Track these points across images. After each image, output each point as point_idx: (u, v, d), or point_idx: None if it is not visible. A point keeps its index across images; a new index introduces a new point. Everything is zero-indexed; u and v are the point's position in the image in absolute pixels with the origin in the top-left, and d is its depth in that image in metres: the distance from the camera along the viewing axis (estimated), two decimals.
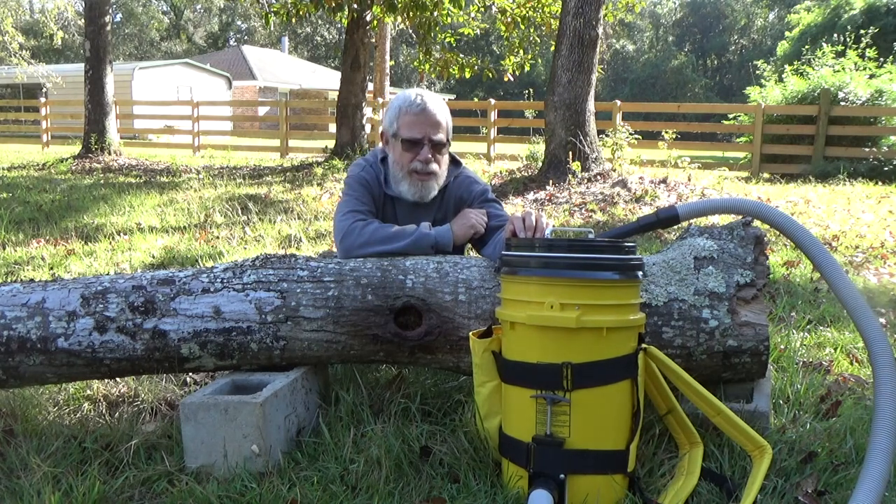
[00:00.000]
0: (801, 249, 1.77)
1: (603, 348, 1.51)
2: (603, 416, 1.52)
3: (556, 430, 1.51)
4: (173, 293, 1.90)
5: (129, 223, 5.59)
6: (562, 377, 1.49)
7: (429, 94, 2.20)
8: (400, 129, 2.16)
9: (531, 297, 1.53)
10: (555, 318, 1.49)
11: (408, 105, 2.15)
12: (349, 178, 2.26)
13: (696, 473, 1.61)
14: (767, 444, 1.62)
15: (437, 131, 2.16)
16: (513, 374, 1.58)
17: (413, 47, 15.78)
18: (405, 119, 2.15)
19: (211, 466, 1.72)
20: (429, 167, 2.16)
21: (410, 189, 2.19)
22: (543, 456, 1.51)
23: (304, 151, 13.78)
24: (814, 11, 23.53)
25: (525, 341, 1.55)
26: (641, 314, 1.59)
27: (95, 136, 11.87)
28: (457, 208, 2.26)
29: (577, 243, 1.55)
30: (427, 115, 2.15)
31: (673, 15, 50.31)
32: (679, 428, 1.71)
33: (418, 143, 2.14)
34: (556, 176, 7.29)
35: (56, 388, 2.19)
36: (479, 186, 2.30)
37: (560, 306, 1.49)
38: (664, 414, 1.71)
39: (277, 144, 14.49)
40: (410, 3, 9.94)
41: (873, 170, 9.51)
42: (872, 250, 4.53)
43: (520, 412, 1.56)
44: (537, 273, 1.53)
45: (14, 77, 18.48)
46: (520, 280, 1.56)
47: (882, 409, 1.55)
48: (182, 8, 48.85)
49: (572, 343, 1.50)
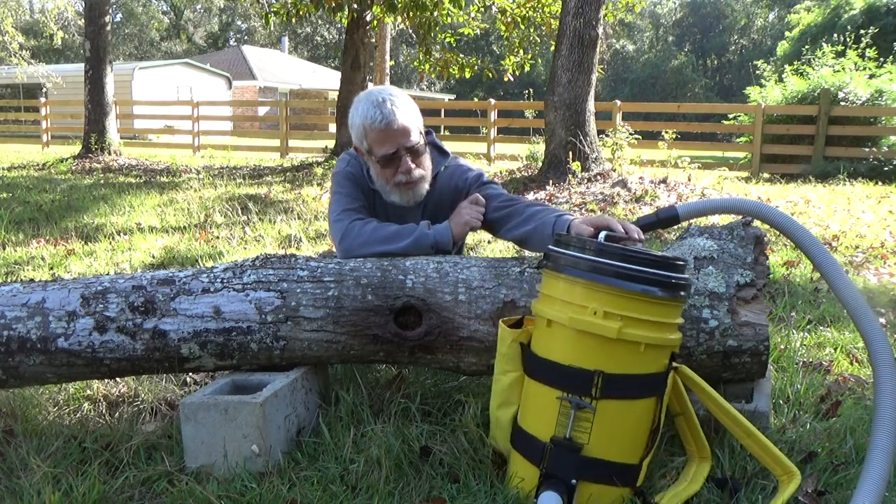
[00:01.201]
0: (801, 249, 1.76)
1: (637, 362, 1.49)
2: (624, 429, 1.51)
3: (575, 435, 1.49)
4: (173, 293, 1.90)
5: (129, 223, 5.59)
6: (592, 384, 1.47)
7: (388, 95, 2.04)
8: (372, 148, 2.05)
9: (574, 300, 1.50)
10: (596, 324, 1.46)
11: (370, 121, 2.01)
12: (336, 174, 2.20)
13: (700, 483, 1.60)
14: (797, 470, 1.57)
15: (409, 137, 2.03)
16: (541, 370, 1.56)
17: (413, 47, 15.78)
18: (372, 137, 2.02)
19: (211, 466, 1.72)
20: (413, 175, 2.07)
21: (402, 198, 2.12)
22: (559, 458, 1.50)
23: (304, 151, 13.78)
24: (814, 11, 23.54)
25: (560, 342, 1.53)
26: (679, 334, 1.57)
27: (95, 136, 11.87)
28: (454, 199, 2.19)
29: (629, 253, 1.51)
30: (394, 126, 2.00)
31: (673, 15, 50.31)
32: (692, 438, 1.69)
33: (394, 156, 2.03)
34: (556, 176, 7.29)
35: (56, 388, 2.19)
36: (472, 173, 2.22)
37: (603, 314, 1.46)
38: (676, 415, 1.69)
39: (277, 144, 14.49)
40: (410, 3, 9.94)
41: (873, 170, 9.51)
42: (872, 250, 4.53)
43: (541, 409, 1.54)
44: (585, 276, 1.50)
45: (14, 77, 18.48)
46: (565, 279, 1.53)
47: (882, 409, 1.55)
48: (182, 8, 48.84)
49: (608, 352, 1.48)
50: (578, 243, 1.55)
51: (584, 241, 1.57)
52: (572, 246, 1.55)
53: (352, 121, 2.08)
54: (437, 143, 2.25)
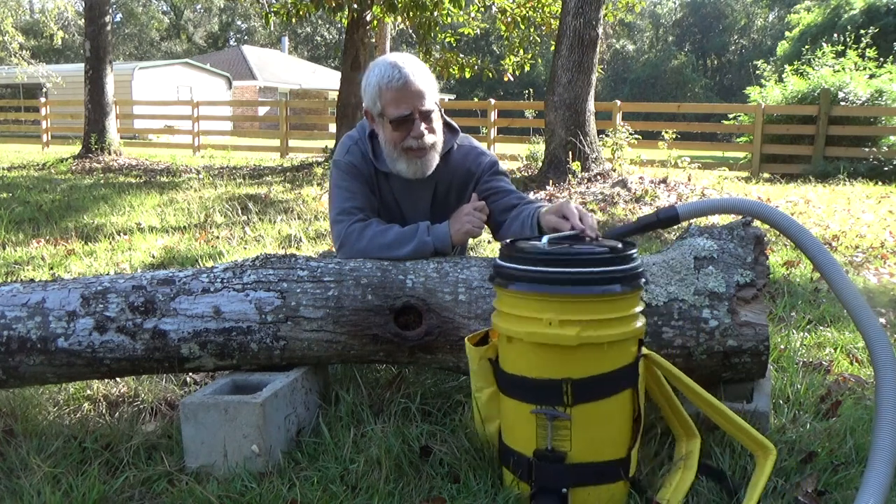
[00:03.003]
0: (801, 249, 1.76)
1: (604, 362, 1.46)
2: (605, 428, 1.48)
3: (557, 445, 1.46)
4: (173, 293, 1.90)
5: (129, 223, 5.58)
6: (562, 393, 1.44)
7: (407, 60, 2.00)
8: (385, 108, 1.98)
9: (528, 313, 1.45)
10: (554, 335, 1.41)
11: (387, 81, 1.95)
12: (336, 163, 2.12)
13: (695, 468, 1.60)
14: (772, 445, 1.60)
15: (424, 100, 1.98)
16: (511, 387, 1.53)
17: (413, 47, 15.77)
18: (387, 96, 1.96)
19: (211, 466, 1.72)
20: (424, 141, 1.99)
21: (409, 168, 2.04)
22: (545, 471, 1.48)
23: (304, 151, 13.79)
24: (814, 11, 23.55)
25: (522, 357, 1.49)
26: (642, 321, 1.53)
27: (95, 136, 11.88)
28: (464, 182, 2.15)
29: (576, 256, 1.45)
30: (411, 87, 1.95)
31: (673, 15, 50.31)
32: (676, 420, 1.68)
33: (408, 119, 1.97)
34: (556, 176, 7.29)
35: (56, 388, 2.19)
36: (487, 158, 2.17)
37: (559, 323, 1.41)
38: (656, 399, 1.67)
39: (277, 144, 14.50)
40: (410, 3, 9.94)
41: (873, 170, 9.51)
42: (872, 250, 4.53)
43: (519, 425, 1.52)
44: (534, 289, 1.44)
45: (14, 77, 18.48)
46: (515, 294, 1.47)
47: (884, 409, 1.55)
48: (182, 8, 48.83)
49: (573, 359, 1.44)
50: (522, 254, 1.48)
51: (527, 250, 1.49)
52: (516, 258, 1.48)
53: (366, 82, 2.02)
54: (446, 119, 2.17)
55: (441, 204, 2.17)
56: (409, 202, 2.17)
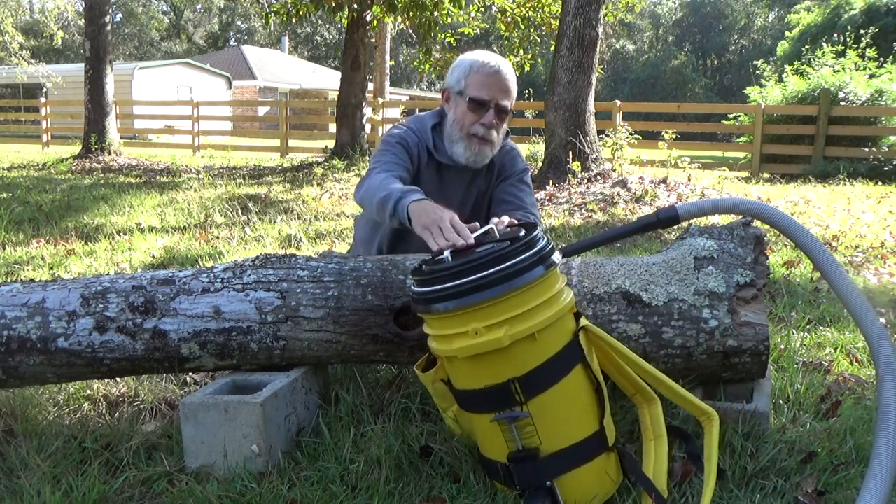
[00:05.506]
0: (801, 249, 1.76)
1: (542, 350, 1.42)
2: (567, 410, 1.46)
3: (526, 443, 1.45)
4: (173, 293, 1.90)
5: (129, 223, 5.59)
6: (513, 393, 1.42)
7: (503, 60, 2.11)
8: (468, 88, 2.07)
9: (453, 329, 1.42)
10: (484, 343, 1.38)
11: (480, 65, 2.06)
12: (387, 136, 2.17)
13: (665, 434, 1.59)
14: (713, 410, 1.61)
15: (506, 98, 2.09)
16: (466, 402, 1.53)
17: (413, 47, 15.77)
18: (475, 78, 2.06)
19: (211, 466, 1.72)
20: (490, 134, 2.09)
21: (466, 152, 2.11)
22: (524, 472, 1.47)
23: (304, 151, 13.79)
24: (814, 11, 23.55)
25: (465, 372, 1.48)
26: (569, 294, 1.49)
27: (95, 136, 11.88)
28: (498, 175, 2.23)
29: (479, 261, 1.39)
30: (500, 79, 2.06)
31: (673, 15, 50.32)
32: (630, 387, 1.65)
33: (485, 104, 2.06)
34: (556, 176, 7.30)
35: (56, 388, 2.19)
36: (521, 164, 2.27)
37: (485, 329, 1.38)
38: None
39: (277, 144, 14.50)
40: (410, 3, 9.95)
41: (873, 170, 9.51)
42: (872, 250, 4.53)
43: (487, 435, 1.52)
44: (450, 307, 1.39)
45: (14, 77, 18.49)
46: (439, 315, 1.43)
47: (885, 409, 1.55)
48: (182, 8, 48.84)
49: (510, 358, 1.41)
50: (432, 275, 1.43)
51: (437, 270, 1.43)
52: (425, 282, 1.44)
53: (458, 63, 2.12)
54: None
55: (469, 191, 2.24)
56: (444, 194, 2.15)
